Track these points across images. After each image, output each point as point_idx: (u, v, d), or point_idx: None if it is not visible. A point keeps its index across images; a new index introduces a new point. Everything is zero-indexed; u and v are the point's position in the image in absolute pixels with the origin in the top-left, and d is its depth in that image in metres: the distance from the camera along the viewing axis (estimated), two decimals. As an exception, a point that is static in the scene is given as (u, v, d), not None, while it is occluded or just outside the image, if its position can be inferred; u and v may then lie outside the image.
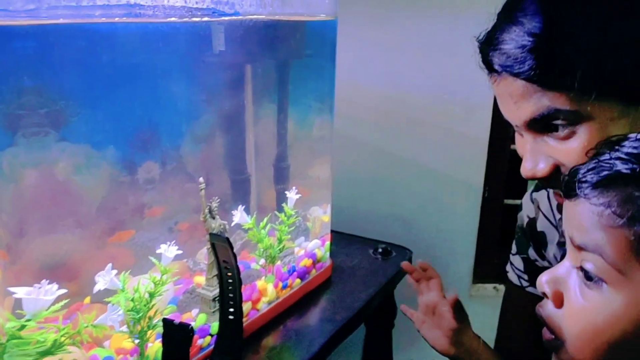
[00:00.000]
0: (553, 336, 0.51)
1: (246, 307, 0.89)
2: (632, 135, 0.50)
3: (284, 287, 0.97)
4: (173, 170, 0.97)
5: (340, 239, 1.21)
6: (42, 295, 0.63)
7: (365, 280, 1.07)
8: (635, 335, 0.46)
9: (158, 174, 0.94)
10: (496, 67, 0.62)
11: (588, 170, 0.49)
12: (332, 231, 1.14)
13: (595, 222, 0.47)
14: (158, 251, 0.77)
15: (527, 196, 0.94)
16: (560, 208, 0.88)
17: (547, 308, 0.52)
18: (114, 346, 0.78)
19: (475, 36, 0.69)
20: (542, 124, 0.62)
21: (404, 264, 0.94)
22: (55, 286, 0.64)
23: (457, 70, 1.40)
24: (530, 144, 0.65)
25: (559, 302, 0.51)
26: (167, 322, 0.67)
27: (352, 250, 1.20)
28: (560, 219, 0.87)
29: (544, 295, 0.52)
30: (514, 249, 0.97)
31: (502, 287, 1.54)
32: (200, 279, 0.90)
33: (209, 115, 1.01)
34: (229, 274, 0.77)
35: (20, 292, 0.62)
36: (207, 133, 1.01)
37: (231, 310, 0.78)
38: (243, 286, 0.79)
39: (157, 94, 0.90)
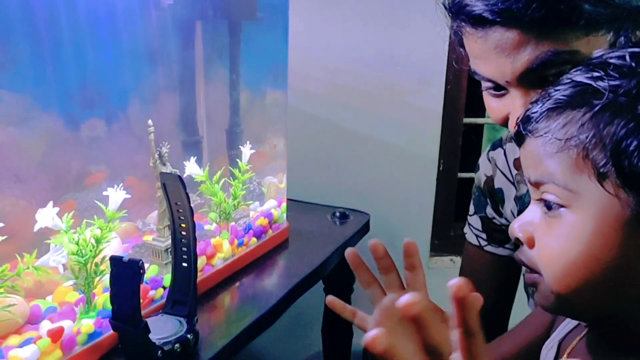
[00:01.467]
0: (533, 275, 0.52)
1: (201, 261, 0.85)
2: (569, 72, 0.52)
3: (240, 244, 0.94)
4: (119, 130, 0.93)
5: (296, 206, 1.19)
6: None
7: (324, 240, 1.06)
8: (607, 256, 0.46)
9: (103, 132, 0.90)
10: (487, 15, 0.59)
11: (531, 111, 0.51)
12: (288, 200, 1.11)
13: (542, 153, 0.48)
14: (105, 193, 0.73)
15: (484, 155, 0.94)
16: (516, 164, 0.89)
17: (524, 251, 0.52)
18: (57, 300, 0.73)
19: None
20: (535, 76, 0.61)
21: (351, 253, 0.64)
22: (-10, 219, 0.59)
23: (409, 43, 1.41)
24: (520, 99, 0.63)
25: (532, 244, 0.51)
26: (115, 259, 0.63)
27: (309, 215, 1.18)
28: (518, 174, 0.88)
29: (517, 240, 0.53)
30: (471, 209, 0.97)
31: (458, 259, 1.55)
32: (150, 239, 0.86)
33: (157, 73, 0.98)
34: (182, 217, 0.74)
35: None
36: (156, 91, 0.97)
37: (184, 257, 0.75)
38: (197, 242, 0.75)
39: (101, 47, 0.87)
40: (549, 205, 0.49)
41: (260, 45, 1.11)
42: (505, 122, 0.68)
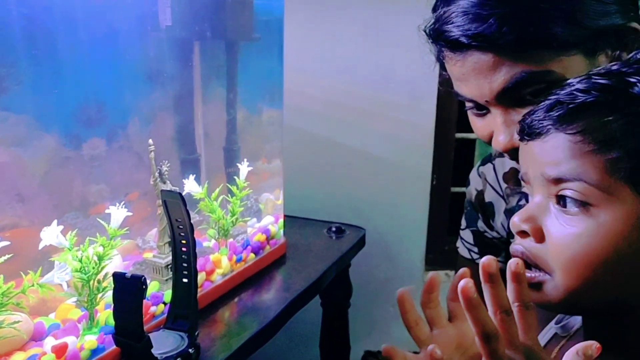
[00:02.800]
0: (537, 274, 0.52)
1: (200, 277, 0.87)
2: (571, 80, 0.53)
3: (238, 260, 0.95)
4: (119, 149, 0.95)
5: (293, 222, 1.21)
6: (-17, 246, 0.59)
7: (320, 255, 1.07)
8: (628, 252, 0.48)
9: (104, 151, 0.92)
10: (463, 39, 0.62)
11: (550, 108, 0.51)
12: (285, 216, 1.13)
13: (570, 151, 0.49)
14: (107, 211, 0.74)
15: (474, 171, 0.97)
16: (506, 178, 0.91)
17: (527, 244, 0.52)
18: (60, 317, 0.75)
19: (422, 26, 0.69)
20: (513, 95, 0.63)
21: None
22: (-4, 238, 0.61)
23: (401, 61, 1.44)
24: (500, 117, 0.66)
25: (540, 237, 0.52)
26: (118, 276, 0.65)
27: (305, 231, 1.20)
28: (507, 187, 0.90)
29: (520, 234, 0.53)
30: (463, 223, 0.99)
31: (453, 273, 1.57)
32: (150, 256, 0.87)
33: (156, 92, 1.00)
34: (182, 234, 0.75)
35: (-43, 242, 0.58)
36: (155, 110, 0.99)
37: (185, 273, 0.76)
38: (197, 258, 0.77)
39: (102, 67, 0.89)
40: (565, 203, 0.49)
41: (256, 65, 1.13)
42: (490, 139, 0.70)
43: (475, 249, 0.96)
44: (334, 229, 1.19)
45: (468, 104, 0.70)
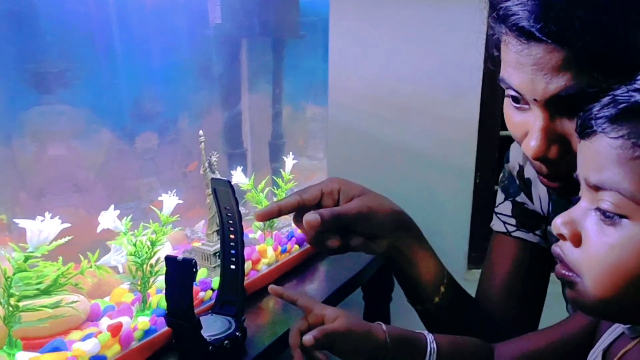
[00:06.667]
0: (570, 273, 0.51)
1: (247, 266, 0.89)
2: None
3: (283, 251, 0.97)
4: (170, 143, 0.98)
5: (336, 217, 1.22)
6: (45, 227, 0.63)
7: (363, 249, 1.08)
8: None
9: (156, 144, 0.95)
10: (535, 32, 0.55)
11: (603, 106, 0.48)
12: (328, 209, 1.14)
13: (613, 157, 0.46)
14: (159, 198, 0.78)
15: (514, 144, 0.92)
16: None
17: (565, 247, 0.52)
18: (114, 300, 0.78)
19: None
20: (565, 103, 0.58)
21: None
22: (58, 220, 0.64)
23: (444, 57, 1.44)
24: (541, 121, 0.60)
25: (577, 242, 0.50)
26: (169, 259, 0.67)
27: (348, 225, 1.20)
28: None
29: (560, 237, 0.52)
30: (499, 198, 0.94)
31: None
32: (198, 245, 0.90)
33: (205, 88, 1.03)
34: (230, 221, 0.78)
35: (23, 222, 0.62)
36: (204, 106, 1.03)
37: (233, 259, 0.79)
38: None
39: (153, 65, 0.92)
40: (606, 214, 0.47)
41: (302, 63, 1.16)
42: (523, 138, 0.65)
43: (512, 221, 0.89)
44: (376, 223, 1.19)
45: (509, 91, 0.64)
